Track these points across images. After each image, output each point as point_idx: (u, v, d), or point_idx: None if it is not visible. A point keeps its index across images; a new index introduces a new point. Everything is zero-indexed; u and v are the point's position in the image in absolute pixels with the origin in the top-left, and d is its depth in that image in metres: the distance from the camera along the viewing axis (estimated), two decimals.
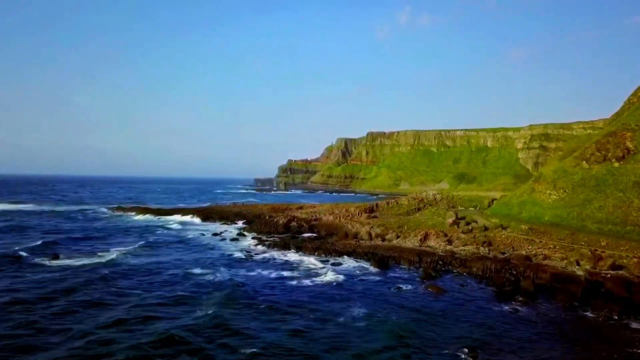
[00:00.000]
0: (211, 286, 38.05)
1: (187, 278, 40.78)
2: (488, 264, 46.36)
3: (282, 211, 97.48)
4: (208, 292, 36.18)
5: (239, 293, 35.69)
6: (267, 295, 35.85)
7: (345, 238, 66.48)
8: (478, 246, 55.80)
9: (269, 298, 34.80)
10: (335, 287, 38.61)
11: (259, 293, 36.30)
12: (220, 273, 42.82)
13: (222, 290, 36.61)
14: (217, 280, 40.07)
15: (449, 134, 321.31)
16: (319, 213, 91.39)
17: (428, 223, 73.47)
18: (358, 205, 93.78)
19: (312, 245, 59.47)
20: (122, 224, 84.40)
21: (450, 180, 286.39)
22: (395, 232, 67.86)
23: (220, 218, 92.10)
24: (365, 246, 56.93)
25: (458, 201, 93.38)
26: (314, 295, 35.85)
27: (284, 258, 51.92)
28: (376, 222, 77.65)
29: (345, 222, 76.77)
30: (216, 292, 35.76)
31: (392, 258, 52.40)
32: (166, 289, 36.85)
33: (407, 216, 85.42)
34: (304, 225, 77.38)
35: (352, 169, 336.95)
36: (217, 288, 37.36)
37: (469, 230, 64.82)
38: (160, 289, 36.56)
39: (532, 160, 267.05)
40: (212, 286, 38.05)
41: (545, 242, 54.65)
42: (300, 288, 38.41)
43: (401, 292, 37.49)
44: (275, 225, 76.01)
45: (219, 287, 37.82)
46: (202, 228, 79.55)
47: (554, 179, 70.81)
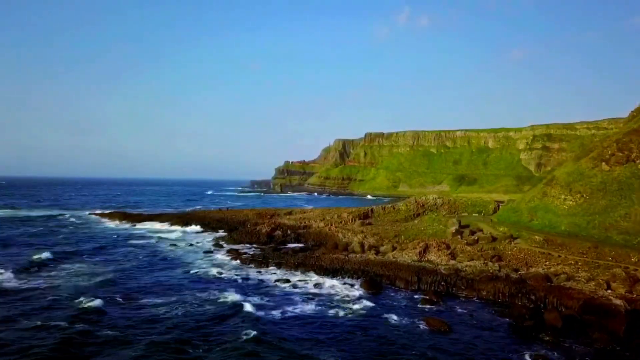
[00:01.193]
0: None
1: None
2: (500, 287, 38.58)
3: (269, 217, 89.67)
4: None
5: (172, 335, 27.34)
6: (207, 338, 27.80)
7: (334, 249, 58.72)
8: (486, 261, 48.03)
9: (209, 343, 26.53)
10: (305, 324, 30.68)
11: (198, 331, 28.39)
12: (172, 297, 35.00)
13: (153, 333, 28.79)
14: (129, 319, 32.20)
15: (449, 135, 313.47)
16: (308, 219, 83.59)
17: (428, 232, 65.72)
18: (351, 210, 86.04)
19: (294, 259, 51.70)
20: (91, 232, 76.63)
21: (451, 182, 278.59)
22: (391, 242, 60.07)
23: (201, 225, 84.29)
24: (356, 261, 49.16)
25: (460, 206, 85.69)
26: (273, 336, 27.58)
27: (259, 277, 44.13)
28: (370, 230, 69.84)
29: (336, 231, 68.98)
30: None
31: (386, 277, 44.62)
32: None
33: (404, 223, 77.67)
34: (290, 234, 69.60)
35: (349, 170, 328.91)
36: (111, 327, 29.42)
37: (474, 241, 57.06)
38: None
39: (534, 161, 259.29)
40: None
41: (564, 257, 46.90)
42: (262, 322, 30.56)
43: (394, 330, 29.62)
44: (258, 234, 68.22)
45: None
46: (177, 237, 71.78)
47: (569, 182, 63.10)
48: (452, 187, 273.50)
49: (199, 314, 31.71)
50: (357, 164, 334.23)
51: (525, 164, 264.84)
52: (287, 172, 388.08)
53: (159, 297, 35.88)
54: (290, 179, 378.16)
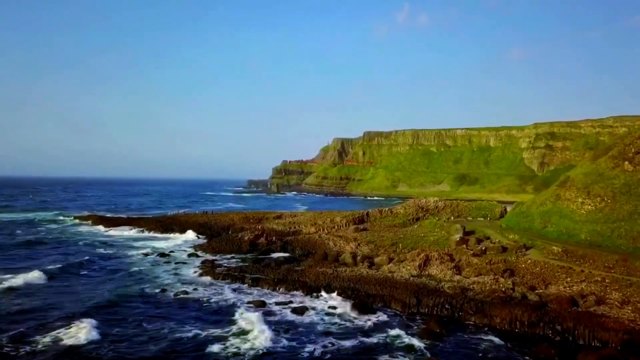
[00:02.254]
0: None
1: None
2: (517, 313, 31.75)
3: (256, 221, 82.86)
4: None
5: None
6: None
7: (323, 260, 51.97)
8: (497, 277, 41.25)
9: None
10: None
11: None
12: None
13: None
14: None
15: (450, 133, 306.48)
16: (298, 224, 76.81)
17: (428, 239, 58.96)
18: (345, 214, 79.23)
19: (275, 274, 44.87)
20: (54, 236, 69.91)
21: (451, 182, 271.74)
22: (387, 252, 53.27)
23: (181, 230, 77.46)
24: (346, 277, 42.35)
25: (464, 209, 78.89)
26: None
27: (231, 298, 37.32)
28: (365, 237, 63.03)
29: (327, 238, 62.16)
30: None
31: (380, 298, 37.79)
32: None
33: (403, 228, 70.91)
34: (275, 241, 62.77)
35: (348, 170, 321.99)
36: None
37: (481, 251, 50.27)
38: None
39: (537, 160, 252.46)
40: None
41: (588, 273, 40.10)
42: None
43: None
44: (239, 242, 61.37)
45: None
46: (151, 244, 64.97)
47: (587, 184, 56.31)
48: (452, 187, 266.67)
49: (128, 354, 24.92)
50: (355, 163, 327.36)
51: (528, 163, 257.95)
52: (284, 172, 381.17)
53: (93, 328, 29.25)
54: (288, 179, 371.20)
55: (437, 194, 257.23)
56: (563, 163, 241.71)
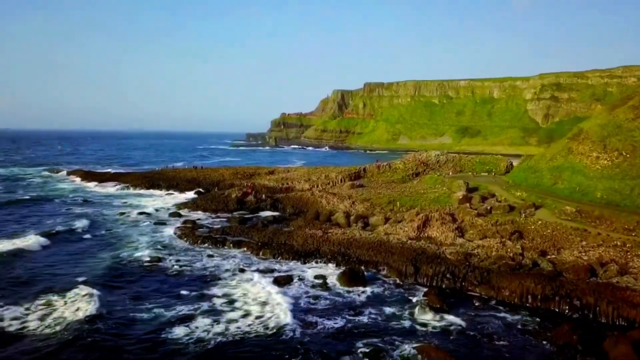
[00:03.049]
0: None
1: None
2: (530, 285, 27.80)
3: (247, 177, 78.62)
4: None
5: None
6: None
7: (315, 220, 48.03)
8: (503, 240, 37.29)
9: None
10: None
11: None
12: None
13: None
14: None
15: (452, 85, 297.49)
16: (291, 180, 72.57)
17: (429, 196, 54.80)
18: (341, 170, 74.83)
19: (260, 237, 40.92)
20: (35, 191, 65.95)
21: (453, 134, 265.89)
22: (384, 211, 49.24)
23: (168, 186, 73.40)
24: (337, 240, 38.38)
25: (467, 164, 74.37)
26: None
27: (206, 267, 33.41)
28: (360, 194, 58.89)
29: (320, 196, 58.01)
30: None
31: (374, 265, 33.91)
32: None
33: (402, 184, 66.71)
34: (265, 199, 58.66)
35: (347, 123, 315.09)
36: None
37: (486, 210, 46.13)
38: None
39: (542, 112, 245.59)
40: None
41: (606, 236, 36.04)
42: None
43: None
44: (226, 200, 57.25)
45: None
46: (133, 202, 61.00)
47: (603, 137, 51.59)
48: (454, 140, 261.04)
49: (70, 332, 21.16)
50: (355, 115, 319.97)
51: (532, 115, 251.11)
52: (283, 125, 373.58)
53: (45, 294, 25.56)
54: (287, 132, 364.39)
55: (438, 146, 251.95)
56: (568, 115, 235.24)
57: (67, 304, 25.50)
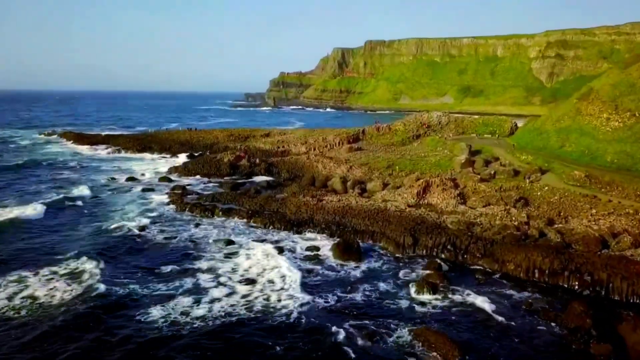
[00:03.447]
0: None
1: None
2: (536, 259, 25.86)
3: (242, 139, 76.12)
4: None
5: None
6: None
7: (310, 186, 45.94)
8: (508, 207, 35.27)
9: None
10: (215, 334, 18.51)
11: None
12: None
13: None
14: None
15: (455, 43, 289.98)
16: (287, 143, 70.07)
17: (429, 160, 52.54)
18: (339, 132, 72.18)
19: (250, 204, 38.91)
20: (24, 155, 63.72)
21: (455, 94, 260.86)
22: (382, 177, 47.06)
23: (160, 149, 71.09)
24: (331, 208, 36.34)
25: (469, 125, 71.64)
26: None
27: (191, 237, 31.49)
28: (358, 158, 56.62)
29: (316, 160, 55.72)
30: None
31: (369, 235, 31.96)
32: None
33: (402, 147, 64.31)
34: (259, 163, 56.36)
35: (348, 82, 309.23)
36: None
37: (490, 175, 43.93)
38: None
39: (546, 70, 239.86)
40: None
41: (617, 203, 33.95)
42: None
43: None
44: (218, 164, 54.97)
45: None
46: (123, 166, 58.97)
47: (614, 97, 48.89)
48: (456, 99, 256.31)
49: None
50: (356, 75, 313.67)
51: (537, 74, 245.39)
52: (282, 85, 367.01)
53: (16, 271, 23.81)
54: (286, 92, 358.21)
55: (440, 106, 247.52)
56: (573, 73, 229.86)
57: (40, 281, 23.74)
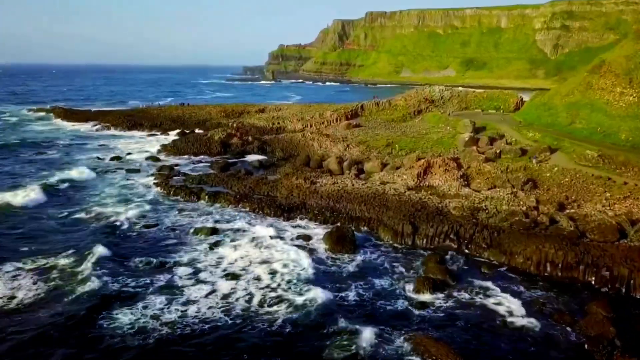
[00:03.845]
0: None
1: None
2: (547, 250, 23.50)
3: (236, 115, 73.26)
4: None
5: None
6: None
7: (304, 167, 43.46)
8: (515, 190, 32.81)
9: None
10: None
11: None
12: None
13: None
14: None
15: (458, 14, 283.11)
16: (283, 119, 67.23)
17: (431, 137, 49.89)
18: (337, 107, 69.19)
19: (239, 187, 36.47)
20: (8, 131, 61.06)
21: (457, 67, 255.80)
22: (381, 156, 44.48)
23: (151, 126, 68.30)
24: (327, 192, 33.89)
25: (473, 100, 68.64)
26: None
27: (173, 226, 29.15)
28: (356, 135, 53.91)
29: (311, 138, 53.01)
30: None
31: (366, 222, 29.56)
32: None
33: (402, 123, 61.52)
34: (252, 141, 53.70)
35: (348, 55, 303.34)
36: None
37: (495, 154, 41.33)
38: None
39: (551, 42, 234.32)
40: None
41: (634, 186, 31.44)
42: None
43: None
44: (209, 142, 52.33)
45: None
46: (111, 144, 56.39)
47: (629, 70, 45.96)
48: (458, 72, 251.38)
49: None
50: (356, 47, 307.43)
51: (541, 46, 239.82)
52: (281, 57, 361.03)
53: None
54: (286, 65, 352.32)
55: (442, 80, 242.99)
56: (579, 45, 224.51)
57: (3, 277, 21.53)
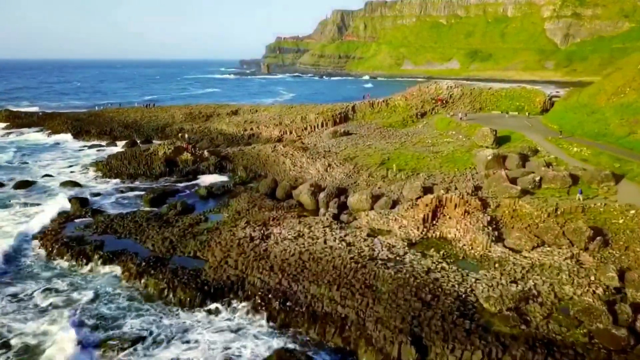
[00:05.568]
0: None
1: None
2: None
3: (204, 118, 61.18)
4: None
5: None
6: None
7: (267, 198, 31.47)
8: (577, 251, 20.81)
9: None
10: None
11: None
12: None
13: None
14: None
15: (462, 2, 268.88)
16: (258, 124, 55.17)
17: (440, 152, 37.85)
18: (323, 110, 56.94)
19: (157, 240, 24.38)
20: None
21: (462, 59, 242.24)
22: (373, 180, 32.39)
23: (99, 133, 56.43)
24: (282, 256, 21.89)
25: (488, 98, 56.36)
26: None
27: (39, 322, 17.28)
28: (344, 147, 41.84)
29: (284, 153, 40.92)
30: None
31: (337, 328, 17.49)
32: None
33: (402, 129, 49.55)
34: (207, 157, 41.57)
35: (347, 46, 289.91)
36: None
37: (533, 184, 29.02)
38: None
39: (561, 31, 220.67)
40: None
41: None
42: None
43: None
44: (150, 160, 40.23)
45: None
46: (29, 160, 44.47)
47: None
48: (463, 64, 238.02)
49: None
50: (356, 38, 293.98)
51: (550, 36, 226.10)
52: (279, 50, 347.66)
53: None
54: (283, 58, 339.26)
55: (445, 72, 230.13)
56: (591, 34, 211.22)
57: None
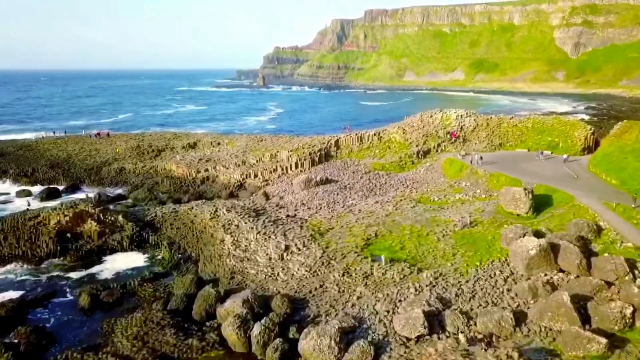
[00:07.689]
0: None
1: None
2: None
3: (154, 154, 49.23)
4: None
5: None
6: None
7: (179, 318, 19.36)
8: None
9: None
10: None
11: None
12: None
13: None
14: None
15: (466, 10, 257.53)
16: (216, 163, 43.18)
17: (452, 222, 25.58)
18: (297, 147, 44.65)
19: None
20: None
21: (466, 69, 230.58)
22: (348, 281, 20.12)
23: (18, 174, 44.74)
24: None
25: (509, 131, 44.08)
26: None
27: None
28: (316, 209, 29.66)
29: (227, 222, 28.79)
30: None
31: None
32: None
33: (399, 173, 37.49)
34: (122, 226, 29.40)
35: (346, 57, 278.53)
36: None
37: (623, 321, 16.66)
38: None
39: (572, 40, 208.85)
40: None
41: None
42: None
43: None
44: (35, 235, 27.97)
45: None
46: None
47: None
48: (467, 75, 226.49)
49: None
50: (355, 48, 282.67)
51: (560, 45, 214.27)
52: (277, 60, 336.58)
53: None
54: (281, 68, 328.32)
55: (449, 83, 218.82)
56: (604, 43, 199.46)
57: None
